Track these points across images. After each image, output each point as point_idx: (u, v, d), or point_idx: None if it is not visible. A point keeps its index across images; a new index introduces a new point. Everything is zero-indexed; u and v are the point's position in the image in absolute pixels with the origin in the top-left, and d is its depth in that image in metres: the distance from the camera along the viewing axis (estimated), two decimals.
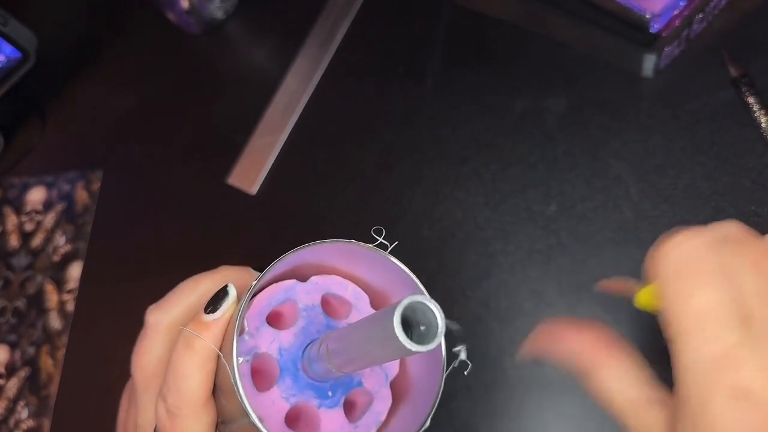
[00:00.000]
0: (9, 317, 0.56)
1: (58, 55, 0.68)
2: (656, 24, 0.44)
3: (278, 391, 0.27)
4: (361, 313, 0.29)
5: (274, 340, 0.27)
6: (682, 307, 0.22)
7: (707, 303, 0.22)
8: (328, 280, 0.29)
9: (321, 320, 0.28)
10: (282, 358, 0.27)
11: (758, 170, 0.42)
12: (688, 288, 0.23)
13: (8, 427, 0.51)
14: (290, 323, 0.28)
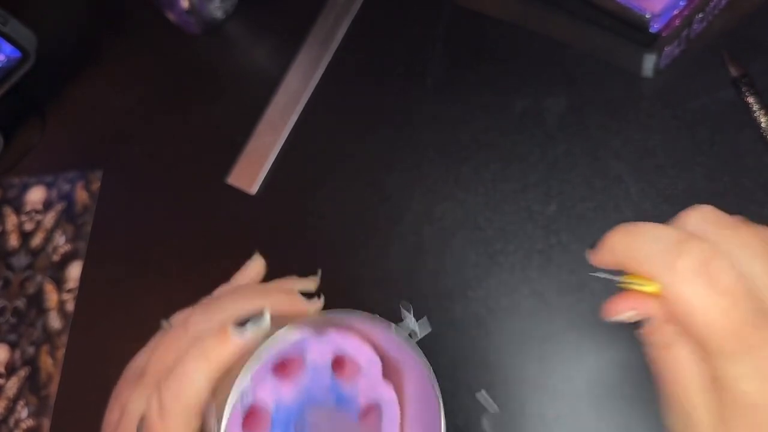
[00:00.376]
0: (9, 317, 0.56)
1: (58, 55, 0.68)
2: (656, 24, 0.44)
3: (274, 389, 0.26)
4: (369, 382, 0.28)
5: (274, 392, 0.26)
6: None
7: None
8: (345, 339, 0.28)
9: (327, 381, 0.27)
10: (277, 414, 0.26)
11: (758, 170, 0.42)
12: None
13: (8, 427, 0.51)
14: (294, 377, 0.27)
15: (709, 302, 0.22)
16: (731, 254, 0.23)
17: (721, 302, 0.21)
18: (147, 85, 0.63)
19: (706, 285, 0.22)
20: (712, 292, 0.22)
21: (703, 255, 0.22)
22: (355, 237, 0.49)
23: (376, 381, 0.28)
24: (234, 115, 0.58)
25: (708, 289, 0.22)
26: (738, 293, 0.22)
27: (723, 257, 0.22)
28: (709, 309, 0.22)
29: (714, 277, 0.22)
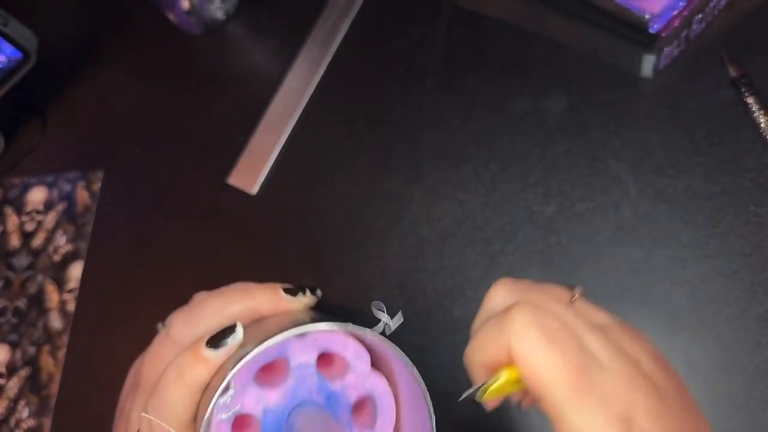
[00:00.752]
0: (10, 317, 0.56)
1: (58, 56, 0.68)
2: (656, 24, 0.44)
3: (257, 396, 0.26)
4: (358, 376, 0.27)
5: (259, 400, 0.26)
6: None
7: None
8: (328, 336, 0.27)
9: (313, 380, 0.27)
10: (266, 419, 0.26)
11: (758, 170, 0.42)
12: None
13: (9, 427, 0.51)
14: (279, 381, 0.26)
15: (546, 351, 0.25)
16: (545, 306, 0.27)
17: (554, 348, 0.25)
18: (147, 85, 0.63)
19: (539, 333, 0.25)
20: (545, 341, 0.25)
21: (529, 308, 0.26)
22: (355, 237, 0.49)
23: (365, 374, 0.27)
24: (234, 115, 0.58)
25: (542, 337, 0.25)
26: (566, 337, 0.26)
27: (543, 309, 0.26)
28: (546, 358, 0.25)
29: (544, 324, 0.26)
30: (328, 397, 0.27)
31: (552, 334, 0.26)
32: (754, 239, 0.40)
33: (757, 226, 0.41)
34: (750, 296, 0.39)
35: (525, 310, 0.26)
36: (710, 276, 0.40)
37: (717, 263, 0.40)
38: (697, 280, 0.40)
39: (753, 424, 0.36)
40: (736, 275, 0.40)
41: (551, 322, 0.26)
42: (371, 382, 0.28)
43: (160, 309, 0.35)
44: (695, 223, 0.42)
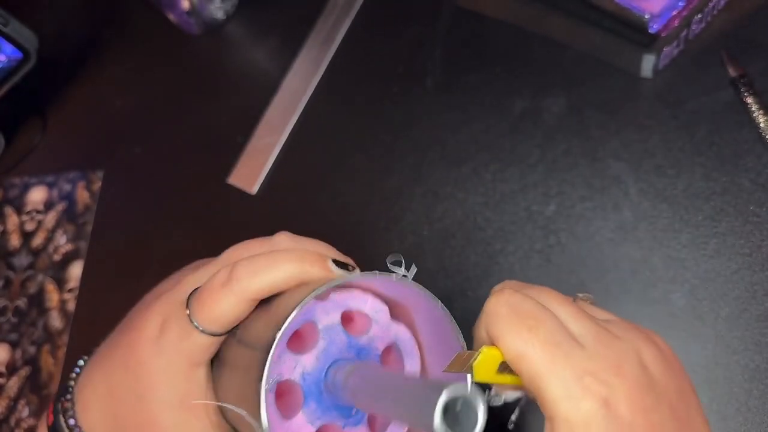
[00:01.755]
0: (10, 316, 0.56)
1: (58, 55, 0.68)
2: (655, 24, 0.44)
3: (303, 417, 0.27)
4: (381, 327, 0.29)
5: (296, 365, 0.27)
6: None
7: None
8: (346, 295, 0.28)
9: (342, 339, 0.28)
10: (305, 383, 0.27)
11: (758, 170, 0.42)
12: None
13: (9, 426, 0.51)
14: (311, 345, 0.27)
15: (515, 326, 0.26)
16: (530, 294, 0.28)
17: (523, 324, 0.26)
18: (147, 85, 0.64)
19: (509, 311, 0.26)
20: (515, 318, 0.26)
21: (506, 291, 0.27)
22: (355, 237, 0.49)
23: (387, 324, 0.29)
24: (234, 115, 0.58)
25: (511, 314, 0.26)
26: (539, 315, 0.26)
27: (522, 294, 0.27)
28: (515, 333, 0.26)
29: (516, 304, 0.26)
30: (358, 352, 0.28)
31: (522, 311, 0.26)
32: (753, 239, 0.40)
33: (757, 226, 0.41)
34: (750, 296, 0.39)
35: (500, 293, 0.27)
36: (710, 276, 0.40)
37: (717, 263, 0.40)
38: (697, 280, 0.40)
39: (753, 424, 0.36)
40: (735, 275, 0.40)
41: (526, 302, 0.27)
42: (394, 331, 0.29)
43: None
44: (695, 223, 0.42)
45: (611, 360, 0.25)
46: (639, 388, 0.25)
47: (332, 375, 0.27)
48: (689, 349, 0.39)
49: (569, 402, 0.24)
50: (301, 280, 0.28)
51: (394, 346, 0.29)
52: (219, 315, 0.28)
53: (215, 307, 0.27)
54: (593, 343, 0.26)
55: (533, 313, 0.26)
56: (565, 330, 0.26)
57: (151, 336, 0.29)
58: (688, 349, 0.39)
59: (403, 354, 0.29)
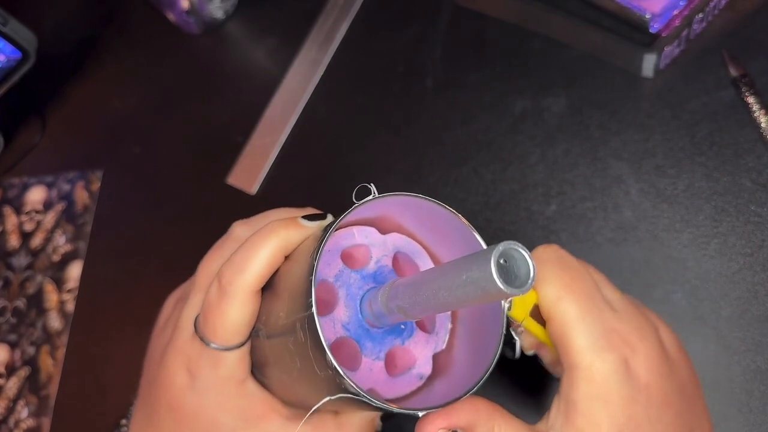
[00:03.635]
0: (9, 317, 0.56)
1: (58, 55, 0.68)
2: (656, 24, 0.44)
3: (367, 359, 0.27)
4: (378, 247, 0.30)
5: (334, 324, 0.28)
6: None
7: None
8: (334, 240, 0.29)
9: (355, 277, 0.29)
10: (351, 332, 0.28)
11: (758, 170, 0.42)
12: None
13: (8, 427, 0.51)
14: (333, 300, 0.28)
15: (559, 271, 0.27)
16: None
17: (566, 271, 0.27)
18: (147, 85, 0.63)
19: (556, 258, 0.28)
20: (559, 264, 0.27)
21: (553, 245, 0.29)
22: None
23: (381, 241, 0.31)
24: (234, 115, 0.58)
25: (557, 260, 0.28)
26: (581, 270, 0.28)
27: (568, 252, 0.29)
28: (557, 276, 0.27)
29: (562, 256, 0.28)
30: (374, 278, 0.29)
31: (567, 263, 0.28)
32: (755, 239, 0.40)
33: (758, 226, 0.41)
34: (751, 296, 0.39)
35: (549, 244, 0.29)
36: (711, 276, 0.40)
37: (718, 263, 0.40)
38: (698, 280, 0.40)
39: (754, 424, 0.36)
40: (737, 275, 0.40)
41: (571, 258, 0.28)
42: (391, 242, 0.30)
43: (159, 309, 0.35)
44: (696, 223, 0.42)
45: (636, 326, 0.27)
46: (657, 356, 0.26)
47: (368, 310, 0.27)
48: (690, 350, 0.38)
49: (594, 353, 0.25)
50: (286, 249, 0.28)
51: (399, 255, 0.30)
52: (232, 325, 0.27)
53: (225, 320, 0.27)
54: (622, 308, 0.27)
55: (576, 267, 0.28)
56: (600, 292, 0.27)
57: (186, 386, 0.29)
58: (688, 350, 0.38)
59: (412, 257, 0.30)
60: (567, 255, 0.28)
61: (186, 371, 0.28)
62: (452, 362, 0.29)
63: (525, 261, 0.20)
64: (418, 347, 0.29)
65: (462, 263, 0.22)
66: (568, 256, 0.28)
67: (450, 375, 0.29)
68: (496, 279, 0.19)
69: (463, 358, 0.29)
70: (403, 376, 0.29)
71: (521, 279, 0.20)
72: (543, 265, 0.27)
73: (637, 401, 0.25)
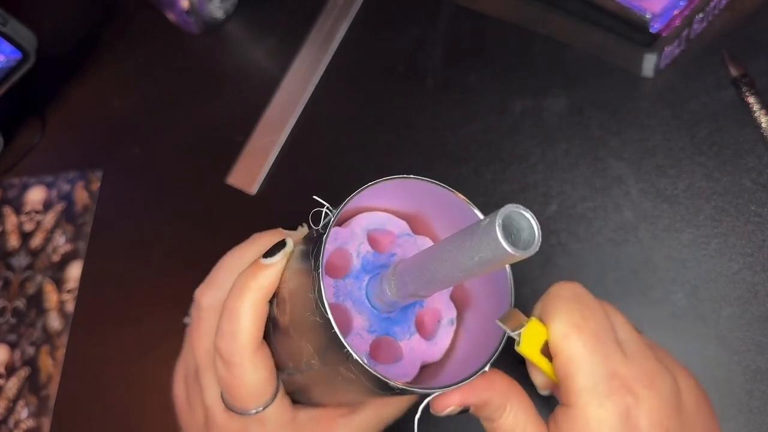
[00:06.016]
0: (9, 317, 0.56)
1: (58, 55, 0.68)
2: (656, 24, 0.44)
3: (333, 285, 0.28)
4: (404, 238, 0.30)
5: (363, 248, 0.28)
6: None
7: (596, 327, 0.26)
8: (429, 244, 0.30)
9: (373, 257, 0.29)
10: (358, 262, 0.28)
11: (758, 170, 0.42)
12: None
13: (8, 427, 0.51)
14: (384, 249, 0.29)
15: (572, 309, 0.26)
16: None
17: (579, 310, 0.26)
18: (146, 85, 0.63)
19: (571, 295, 0.27)
20: (574, 302, 0.26)
21: (572, 282, 0.28)
22: None
23: (405, 229, 0.31)
24: (234, 115, 0.58)
25: (572, 299, 0.27)
26: (596, 309, 0.27)
27: (587, 291, 0.28)
28: (569, 314, 0.26)
29: (578, 293, 0.27)
30: (389, 265, 0.29)
31: (582, 301, 0.27)
32: (755, 239, 0.40)
33: (758, 226, 0.41)
34: (751, 296, 0.39)
35: (569, 281, 0.28)
36: (711, 276, 0.40)
37: (718, 263, 0.40)
38: (699, 281, 0.40)
39: (754, 424, 0.36)
40: (737, 275, 0.40)
41: (588, 296, 0.27)
42: (422, 241, 0.30)
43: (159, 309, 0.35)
44: (696, 223, 0.42)
45: (647, 372, 0.26)
46: (666, 408, 0.25)
47: (378, 287, 0.27)
48: (690, 350, 0.39)
49: (593, 397, 0.25)
50: (265, 296, 0.28)
51: (399, 239, 0.31)
52: (256, 387, 0.28)
53: (248, 387, 0.28)
54: (635, 353, 0.26)
55: (591, 306, 0.27)
56: (613, 333, 0.26)
57: None
58: (688, 350, 0.39)
59: (414, 241, 0.31)
60: (585, 293, 0.27)
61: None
62: (438, 377, 0.29)
63: (529, 223, 0.20)
64: (410, 349, 0.29)
65: (466, 233, 0.21)
66: (585, 293, 0.27)
67: (452, 365, 0.29)
68: (502, 242, 0.19)
69: (448, 378, 0.29)
70: (384, 366, 0.29)
71: (527, 241, 0.20)
72: (557, 300, 0.27)
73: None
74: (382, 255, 0.29)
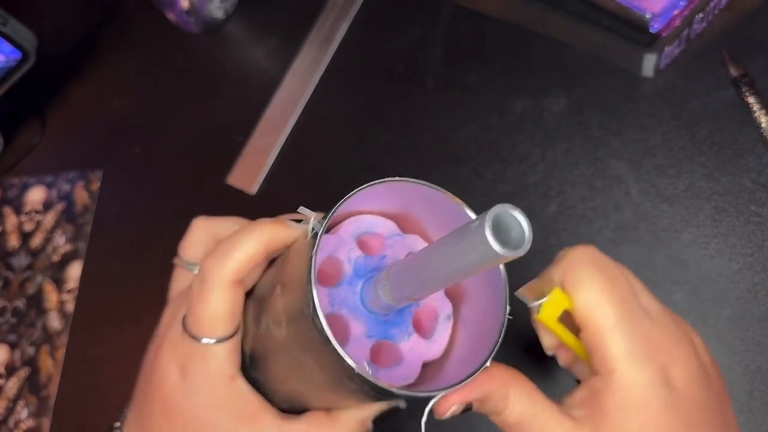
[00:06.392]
0: (9, 317, 0.56)
1: (58, 55, 0.68)
2: (656, 24, 0.44)
3: (327, 295, 0.27)
4: (395, 239, 0.30)
5: (353, 254, 0.28)
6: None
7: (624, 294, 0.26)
8: (419, 242, 0.30)
9: (361, 263, 0.29)
10: (350, 268, 0.28)
11: (758, 170, 0.42)
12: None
13: (8, 427, 0.51)
14: (374, 252, 0.29)
15: (598, 277, 0.26)
16: None
17: (605, 276, 0.26)
18: (147, 85, 0.63)
19: (593, 262, 0.27)
20: (598, 270, 0.27)
21: (590, 247, 0.28)
22: None
23: (394, 230, 0.30)
24: (234, 115, 0.58)
25: (595, 266, 0.27)
26: (619, 276, 0.27)
27: (605, 255, 0.28)
28: (596, 282, 0.26)
29: (600, 259, 0.27)
30: (382, 267, 0.29)
31: (605, 268, 0.27)
32: (755, 239, 0.40)
33: (758, 226, 0.41)
34: (751, 296, 0.39)
35: (585, 246, 0.28)
36: (711, 276, 0.40)
37: (718, 263, 0.40)
38: (699, 281, 0.40)
39: (755, 424, 0.36)
40: (737, 275, 0.40)
41: (609, 262, 0.27)
42: (411, 240, 0.30)
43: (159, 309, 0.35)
44: (696, 223, 0.42)
45: (673, 335, 0.26)
46: (696, 366, 0.26)
47: (372, 291, 0.27)
48: None
49: (631, 362, 0.25)
50: (269, 246, 0.27)
51: (411, 253, 0.30)
52: (215, 313, 0.27)
53: (208, 310, 0.27)
54: (659, 316, 0.27)
55: (615, 272, 0.27)
56: (637, 299, 0.27)
57: (177, 384, 0.28)
58: None
59: (410, 243, 0.30)
60: (604, 257, 0.28)
61: (177, 369, 0.28)
62: (440, 374, 0.29)
63: (518, 222, 0.20)
64: (409, 350, 0.29)
65: (457, 235, 0.21)
66: (605, 258, 0.27)
67: (434, 386, 0.29)
68: (493, 243, 0.19)
69: (452, 374, 0.29)
70: (386, 370, 0.29)
71: (517, 240, 0.20)
72: (580, 268, 0.27)
73: (675, 410, 0.25)
74: (373, 258, 0.29)
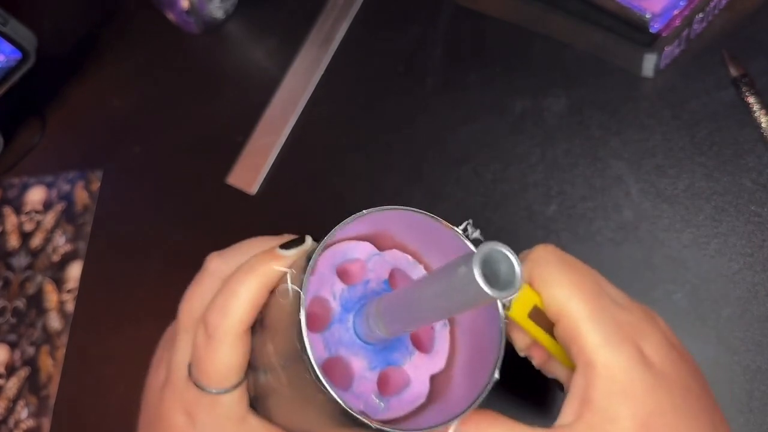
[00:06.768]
0: (9, 317, 0.56)
1: (58, 55, 0.68)
2: (656, 24, 0.44)
3: (321, 340, 0.27)
4: (374, 261, 0.30)
5: (336, 288, 0.28)
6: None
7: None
8: (400, 257, 0.29)
9: (382, 288, 0.29)
10: (337, 305, 0.28)
11: (758, 170, 0.42)
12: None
13: (8, 427, 0.51)
14: (356, 280, 0.29)
15: (565, 272, 0.27)
16: None
17: (572, 270, 0.27)
18: (147, 85, 0.63)
19: (558, 259, 0.28)
20: (564, 265, 0.28)
21: (550, 245, 0.29)
22: None
23: (379, 254, 0.30)
24: (234, 115, 0.58)
25: (561, 261, 0.28)
26: (584, 268, 0.28)
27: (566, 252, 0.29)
28: (565, 277, 0.27)
29: (563, 255, 0.28)
30: (370, 294, 0.29)
31: (571, 263, 0.28)
32: (755, 239, 0.40)
33: (758, 226, 0.41)
34: (751, 296, 0.39)
35: (546, 244, 0.28)
36: (711, 276, 0.40)
37: (718, 263, 0.40)
38: (699, 281, 0.40)
39: (755, 425, 0.36)
40: (737, 275, 0.40)
41: (571, 257, 0.28)
42: (391, 256, 0.30)
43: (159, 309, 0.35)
44: (696, 223, 0.42)
45: (641, 317, 0.27)
46: (667, 343, 0.27)
47: (362, 329, 0.27)
48: (690, 350, 0.38)
49: (609, 349, 0.25)
50: (268, 285, 0.27)
51: (397, 271, 0.30)
52: (224, 369, 0.27)
53: (217, 365, 0.27)
54: (625, 302, 0.28)
55: (580, 267, 0.28)
56: (605, 290, 0.28)
57: (185, 428, 0.28)
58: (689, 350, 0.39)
59: (405, 269, 0.30)
60: (567, 255, 0.28)
61: (185, 415, 0.28)
62: (450, 384, 0.29)
63: (510, 262, 0.20)
64: (414, 369, 0.29)
65: (446, 271, 0.21)
66: (568, 255, 0.28)
67: (446, 397, 0.29)
68: (481, 284, 0.19)
69: (460, 381, 0.29)
70: (398, 396, 0.28)
71: (507, 281, 0.20)
72: (546, 266, 0.27)
73: (660, 387, 0.25)
74: (357, 286, 0.28)
